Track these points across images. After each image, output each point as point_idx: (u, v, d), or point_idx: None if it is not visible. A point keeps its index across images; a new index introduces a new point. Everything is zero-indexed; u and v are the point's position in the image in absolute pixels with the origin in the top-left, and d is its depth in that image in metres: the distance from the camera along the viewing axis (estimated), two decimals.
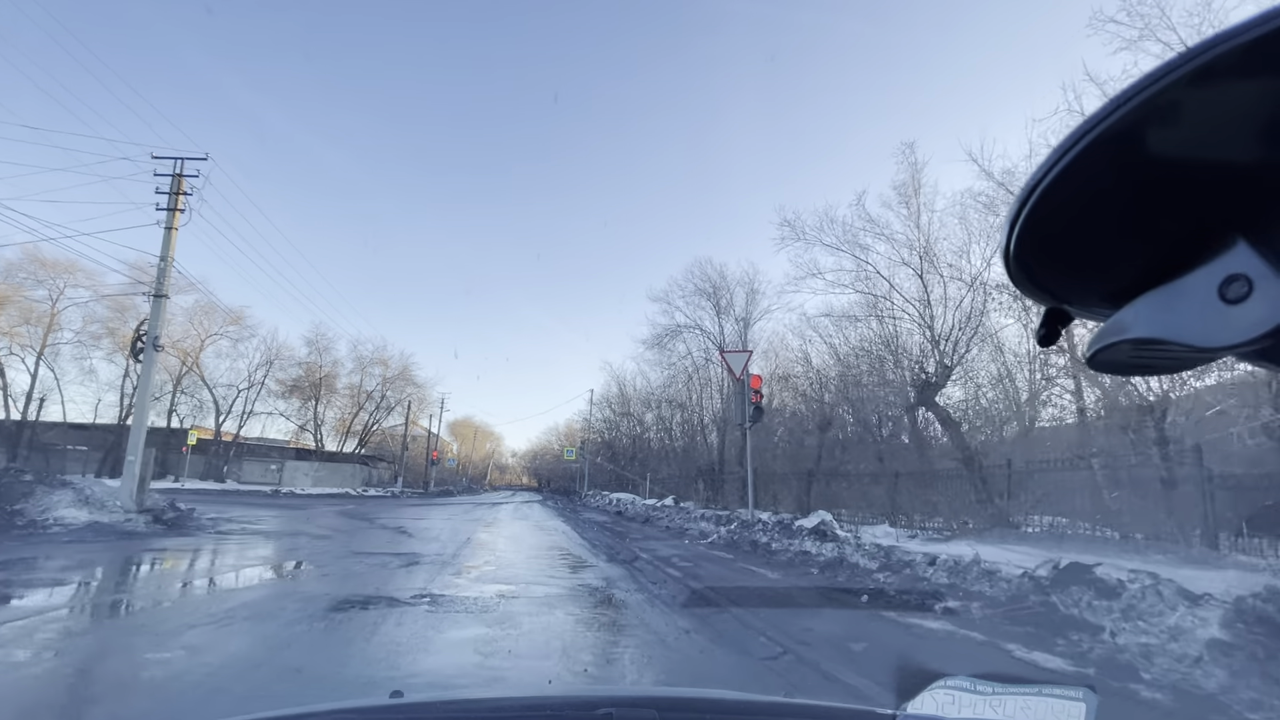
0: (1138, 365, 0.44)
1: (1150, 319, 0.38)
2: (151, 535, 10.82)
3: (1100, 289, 0.42)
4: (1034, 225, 0.39)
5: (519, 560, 9.25)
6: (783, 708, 1.49)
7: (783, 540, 9.55)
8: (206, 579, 7.19)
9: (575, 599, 6.28)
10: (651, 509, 19.58)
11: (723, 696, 1.57)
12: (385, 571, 7.62)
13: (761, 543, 9.90)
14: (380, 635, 4.49)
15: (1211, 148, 0.33)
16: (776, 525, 10.41)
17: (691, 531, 13.53)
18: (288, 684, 3.53)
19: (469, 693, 2.88)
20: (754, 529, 11.01)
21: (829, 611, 6.03)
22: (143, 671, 3.69)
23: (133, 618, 5.10)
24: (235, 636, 4.41)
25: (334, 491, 35.76)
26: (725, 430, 21.53)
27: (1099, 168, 0.35)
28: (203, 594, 6.29)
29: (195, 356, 36.01)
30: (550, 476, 79.67)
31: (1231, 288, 0.34)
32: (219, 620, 4.81)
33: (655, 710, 1.17)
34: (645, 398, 36.72)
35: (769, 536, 10.10)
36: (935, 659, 4.34)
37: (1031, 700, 1.30)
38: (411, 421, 49.80)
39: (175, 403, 36.24)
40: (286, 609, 5.29)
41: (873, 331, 14.35)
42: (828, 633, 4.91)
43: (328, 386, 42.96)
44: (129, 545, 9.53)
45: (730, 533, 11.52)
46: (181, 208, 13.00)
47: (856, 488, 13.08)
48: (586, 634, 4.90)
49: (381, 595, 5.97)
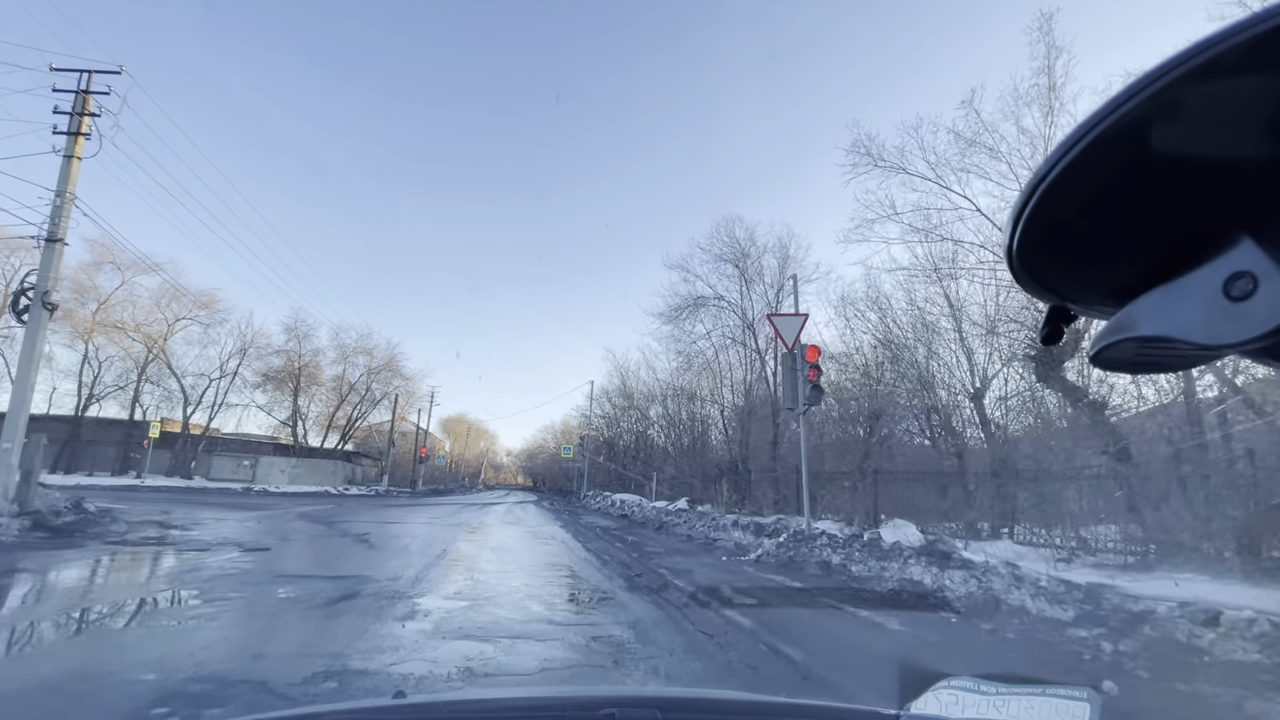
0: (1142, 363, 0.43)
1: (1155, 317, 0.38)
2: (14, 548, 8.14)
3: (1104, 287, 0.42)
4: (1038, 223, 0.38)
5: (505, 588, 6.63)
6: (785, 708, 1.48)
7: (869, 561, 6.98)
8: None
9: (596, 676, 3.67)
10: (663, 513, 16.99)
11: (725, 696, 1.69)
12: (295, 615, 5.02)
13: (835, 563, 7.32)
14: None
15: (1215, 144, 0.33)
16: (850, 540, 7.82)
17: (724, 544, 10.92)
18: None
19: (471, 693, 2.77)
20: (815, 544, 8.42)
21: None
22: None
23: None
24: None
25: (312, 490, 33.01)
26: (749, 422, 18.81)
27: (1102, 165, 0.35)
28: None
29: (161, 343, 33.16)
30: (546, 476, 77.22)
31: (1236, 285, 0.33)
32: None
33: (658, 710, 1.17)
34: (650, 391, 34.04)
35: (843, 555, 7.52)
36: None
37: (1035, 700, 1.29)
38: (400, 417, 47.06)
39: (140, 392, 33.37)
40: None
41: (964, 293, 11.55)
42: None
43: (308, 377, 40.12)
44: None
45: (781, 547, 8.94)
46: (87, 132, 10.30)
47: (925, 489, 10.52)
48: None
49: (247, 681, 3.34)
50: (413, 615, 5.12)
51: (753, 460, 18.08)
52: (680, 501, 18.78)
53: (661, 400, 31.76)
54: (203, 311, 34.12)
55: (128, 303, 32.42)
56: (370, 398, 43.77)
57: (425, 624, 4.78)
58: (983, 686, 1.35)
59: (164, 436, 33.62)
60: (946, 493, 10.18)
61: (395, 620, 4.83)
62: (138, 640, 4.33)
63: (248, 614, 5.01)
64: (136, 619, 4.86)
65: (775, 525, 10.36)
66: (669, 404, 30.51)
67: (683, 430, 29.46)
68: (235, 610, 5.14)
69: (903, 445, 14.39)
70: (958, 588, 5.50)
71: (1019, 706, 1.28)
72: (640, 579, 7.45)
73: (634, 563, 8.93)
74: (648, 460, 33.60)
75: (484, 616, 5.17)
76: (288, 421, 40.72)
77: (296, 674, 3.38)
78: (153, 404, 34.44)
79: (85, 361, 32.19)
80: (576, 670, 3.70)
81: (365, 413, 44.61)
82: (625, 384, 36.44)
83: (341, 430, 43.34)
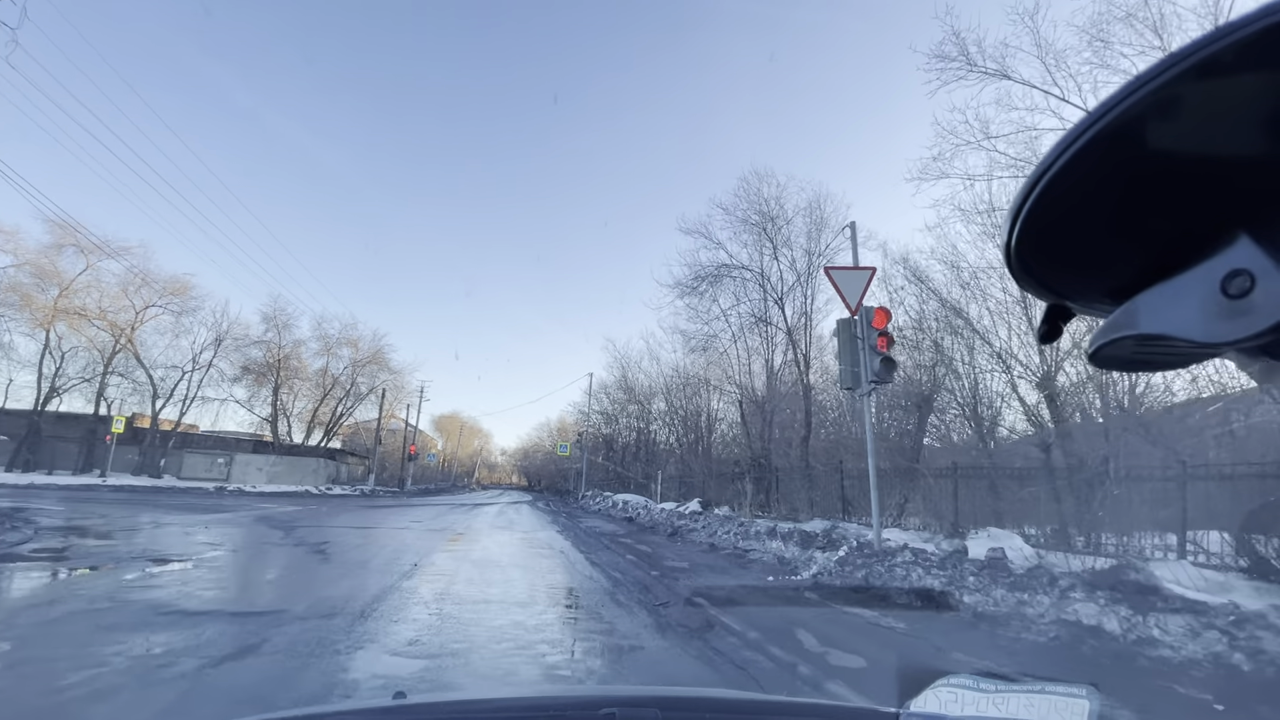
0: (1140, 362, 0.43)
1: (1153, 315, 0.37)
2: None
3: (1102, 285, 0.42)
4: (1035, 221, 0.38)
5: (485, 632, 4.68)
6: (785, 707, 1.48)
7: (994, 591, 5.03)
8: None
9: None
10: (674, 516, 15.02)
11: (725, 696, 1.64)
12: (128, 696, 3.05)
13: (937, 591, 5.39)
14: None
15: (1214, 142, 0.32)
16: (953, 559, 5.86)
17: (760, 556, 8.96)
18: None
19: (473, 693, 2.75)
20: (893, 561, 6.47)
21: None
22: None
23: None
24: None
25: (291, 489, 30.88)
26: (774, 412, 16.71)
27: (1101, 163, 0.34)
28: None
29: (129, 332, 30.93)
30: (542, 475, 75.14)
31: (1234, 283, 0.33)
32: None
33: (658, 709, 1.16)
34: (653, 384, 32.05)
35: (944, 578, 5.59)
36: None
37: (1035, 698, 1.28)
38: (390, 414, 44.85)
39: (105, 385, 31.13)
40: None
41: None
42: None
43: (290, 370, 37.89)
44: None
45: (844, 564, 7.00)
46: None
47: (1015, 492, 8.54)
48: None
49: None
50: (331, 690, 3.16)
51: (777, 456, 16.06)
52: (692, 503, 16.81)
53: (666, 393, 29.73)
54: (174, 299, 31.93)
55: (93, 289, 30.22)
56: (355, 392, 41.54)
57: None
58: (982, 684, 1.34)
59: (133, 432, 31.42)
60: (1021, 493, 8.21)
61: (298, 705, 2.86)
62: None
63: (45, 690, 3.03)
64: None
65: (828, 535, 8.40)
66: (674, 397, 28.46)
67: (690, 425, 27.45)
68: (34, 682, 3.15)
69: (943, 437, 12.47)
70: (1189, 646, 3.55)
71: (1018, 704, 1.27)
72: (669, 613, 5.48)
73: (655, 585, 6.96)
74: (650, 458, 31.61)
75: (447, 695, 3.20)
76: (271, 418, 38.54)
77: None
78: (120, 398, 32.19)
79: (46, 351, 29.94)
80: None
81: (351, 408, 42.38)
82: (626, 377, 34.38)
83: (325, 426, 41.11)
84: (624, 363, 34.22)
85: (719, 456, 23.06)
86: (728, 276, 18.88)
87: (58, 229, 27.96)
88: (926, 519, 8.79)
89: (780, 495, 14.20)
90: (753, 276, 18.28)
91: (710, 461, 22.81)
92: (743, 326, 18.69)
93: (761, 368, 18.27)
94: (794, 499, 13.60)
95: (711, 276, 18.93)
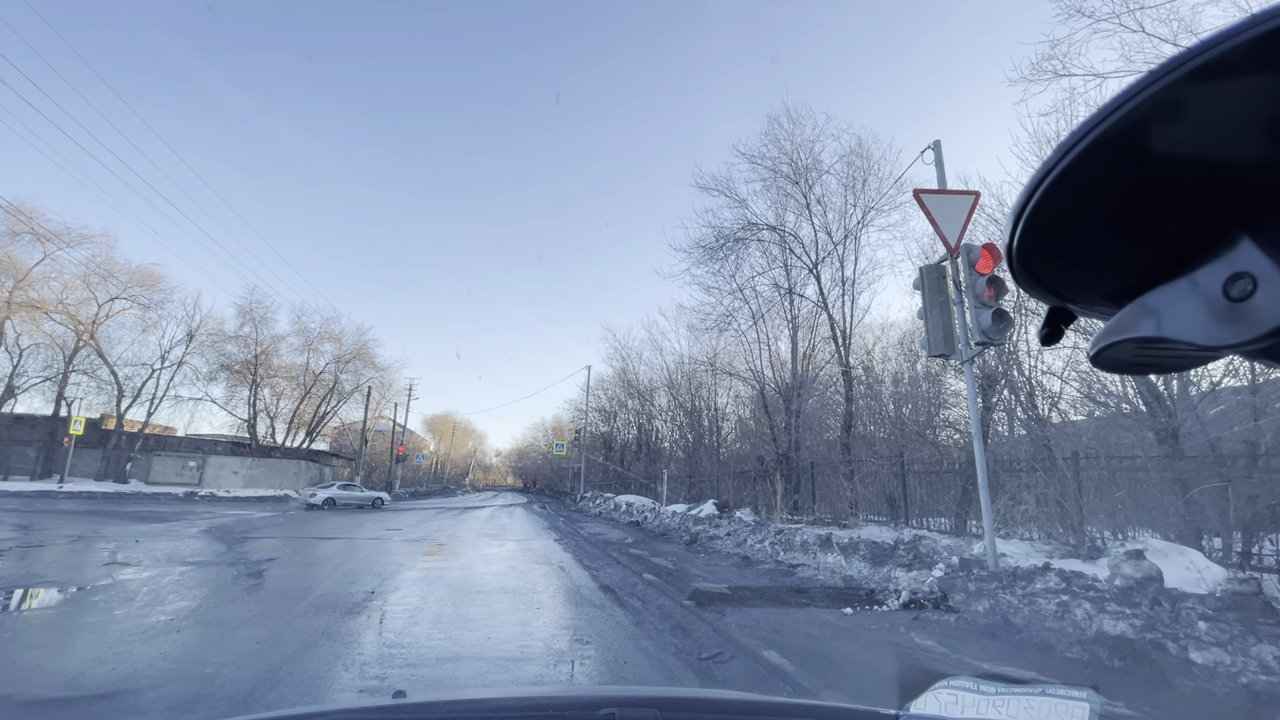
0: (1142, 364, 0.43)
1: (1154, 318, 0.37)
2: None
3: (1104, 287, 0.41)
4: (1037, 224, 0.38)
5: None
6: (785, 707, 1.44)
7: (1250, 648, 3.17)
8: None
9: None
10: (689, 520, 13.13)
11: (724, 696, 1.63)
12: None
13: (1130, 639, 3.53)
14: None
15: (1214, 146, 0.32)
16: (1134, 592, 3.95)
17: (816, 575, 7.06)
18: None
19: (472, 693, 2.58)
20: (1029, 589, 4.60)
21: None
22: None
23: None
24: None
25: (269, 494, 28.83)
26: (801, 403, 14.65)
27: (1102, 166, 0.34)
28: None
29: (91, 327, 28.77)
30: (538, 476, 73.17)
31: (1236, 286, 0.33)
32: None
33: (657, 709, 1.15)
34: (656, 377, 30.15)
35: (1128, 620, 3.75)
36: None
37: (1035, 700, 1.26)
38: (377, 414, 42.73)
39: (66, 384, 28.94)
40: None
41: None
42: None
43: (269, 367, 35.74)
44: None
45: (945, 591, 5.10)
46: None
47: (1121, 486, 6.72)
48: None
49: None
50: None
51: (805, 452, 14.16)
52: (707, 506, 14.91)
53: (671, 387, 27.78)
54: (141, 291, 29.78)
55: (52, 279, 28.06)
56: (339, 390, 39.36)
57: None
58: (982, 687, 1.32)
59: (98, 435, 29.29)
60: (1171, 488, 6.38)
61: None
62: None
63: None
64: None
65: (913, 548, 6.49)
66: (680, 391, 26.52)
67: (697, 420, 25.53)
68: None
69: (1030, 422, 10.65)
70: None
71: (1018, 706, 1.26)
72: (726, 672, 3.58)
73: (692, 623, 5.06)
74: (652, 457, 29.73)
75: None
76: (249, 418, 36.34)
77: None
78: (84, 398, 30.02)
79: (1, 348, 27.76)
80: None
81: (335, 407, 40.19)
82: (627, 369, 32.42)
83: (308, 427, 38.93)
84: (625, 353, 32.33)
85: (732, 453, 21.14)
86: (754, 239, 16.19)
87: (10, 216, 25.85)
88: (1048, 526, 6.82)
89: (817, 495, 12.29)
90: (781, 240, 15.67)
91: (721, 460, 20.90)
92: (762, 307, 16.45)
93: (787, 350, 16.20)
94: (834, 500, 11.68)
95: (734, 239, 16.18)
